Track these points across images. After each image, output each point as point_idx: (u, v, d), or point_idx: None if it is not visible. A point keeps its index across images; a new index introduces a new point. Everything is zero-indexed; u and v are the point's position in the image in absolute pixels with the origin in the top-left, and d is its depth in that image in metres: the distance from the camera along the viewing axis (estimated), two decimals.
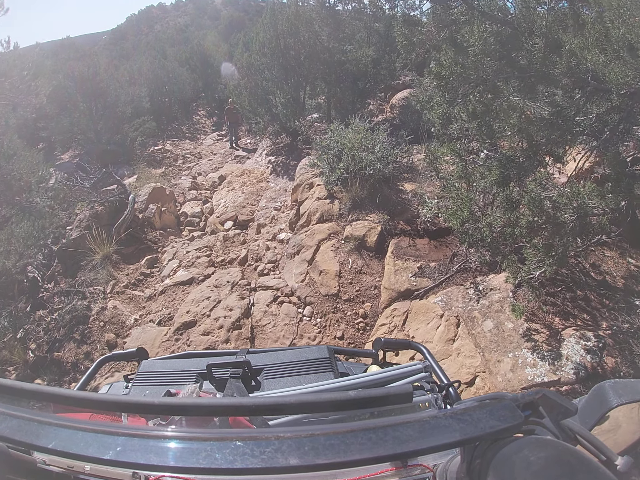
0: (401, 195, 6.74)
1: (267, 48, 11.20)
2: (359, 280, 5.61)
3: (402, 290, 5.18)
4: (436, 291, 5.06)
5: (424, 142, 9.16)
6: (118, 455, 0.58)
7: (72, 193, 8.97)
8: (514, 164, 3.92)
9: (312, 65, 11.22)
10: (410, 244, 5.74)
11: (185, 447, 0.60)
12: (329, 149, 7.17)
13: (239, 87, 12.05)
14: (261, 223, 8.42)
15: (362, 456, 0.56)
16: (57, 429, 0.64)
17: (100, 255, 6.82)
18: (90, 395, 0.78)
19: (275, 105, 11.15)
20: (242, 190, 10.41)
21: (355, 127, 6.89)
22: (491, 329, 4.40)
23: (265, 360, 1.53)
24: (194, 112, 18.42)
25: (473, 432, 0.60)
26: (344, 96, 11.52)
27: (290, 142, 11.61)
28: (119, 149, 12.83)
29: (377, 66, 11.84)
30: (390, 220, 6.09)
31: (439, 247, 5.70)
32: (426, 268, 5.36)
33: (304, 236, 6.56)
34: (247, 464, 0.55)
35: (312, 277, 5.80)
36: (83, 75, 12.46)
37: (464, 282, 5.03)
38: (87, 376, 1.74)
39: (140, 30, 33.51)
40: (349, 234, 6.02)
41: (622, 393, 0.75)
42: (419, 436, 0.59)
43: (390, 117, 12.13)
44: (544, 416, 0.68)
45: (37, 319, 6.50)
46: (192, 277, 6.32)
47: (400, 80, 13.65)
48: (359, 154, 6.46)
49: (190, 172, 12.66)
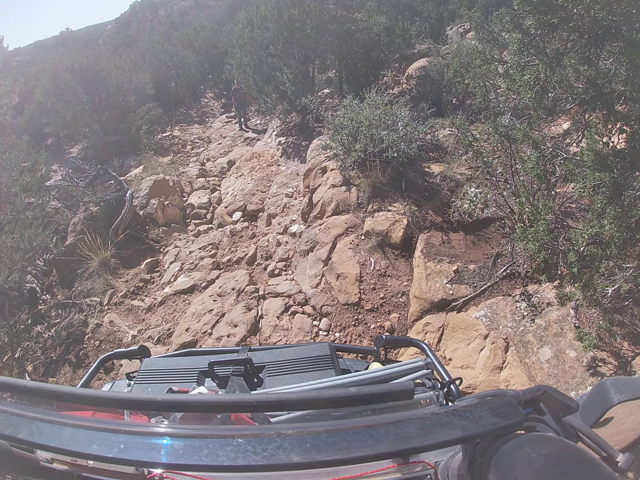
0: (428, 179, 5.59)
1: (270, 21, 9.94)
2: (383, 284, 4.59)
3: (435, 301, 4.14)
4: (477, 302, 4.01)
5: (448, 115, 7.93)
6: (121, 452, 0.55)
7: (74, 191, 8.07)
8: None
9: (319, 37, 9.92)
10: (443, 240, 4.65)
11: (187, 444, 0.56)
12: (342, 127, 6.03)
13: (242, 65, 10.82)
14: (271, 213, 7.42)
15: (363, 453, 0.54)
16: (59, 427, 0.61)
17: (96, 261, 5.96)
18: (92, 393, 0.72)
19: (282, 82, 9.95)
20: (251, 176, 9.38)
21: (373, 102, 5.68)
22: (549, 359, 3.38)
23: (267, 357, 1.47)
24: (202, 95, 17.21)
25: (474, 429, 0.58)
26: (356, 68, 10.24)
27: (301, 121, 10.45)
28: (124, 139, 11.94)
29: (391, 34, 10.46)
30: (417, 210, 4.99)
31: (478, 244, 4.60)
32: (464, 272, 4.29)
33: (317, 230, 5.53)
34: (250, 460, 0.52)
35: (329, 281, 4.81)
36: (82, 66, 11.53)
37: (512, 291, 3.96)
38: (89, 374, 1.65)
39: (145, 17, 31.85)
40: (370, 228, 4.96)
41: (624, 390, 0.69)
42: (421, 433, 0.57)
43: (407, 89, 10.80)
44: (545, 413, 0.66)
45: (35, 335, 5.79)
46: (194, 284, 5.38)
47: (415, 49, 12.25)
48: (379, 132, 5.30)
49: (199, 158, 11.72)
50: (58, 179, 10.37)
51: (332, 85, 11.41)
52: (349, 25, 9.77)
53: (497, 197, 4.33)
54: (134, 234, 6.67)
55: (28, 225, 5.63)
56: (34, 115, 13.18)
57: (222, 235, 6.83)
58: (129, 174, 10.30)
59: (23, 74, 17.17)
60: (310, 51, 10.21)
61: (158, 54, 15.71)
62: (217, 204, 8.64)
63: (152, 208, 7.32)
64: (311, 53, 10.27)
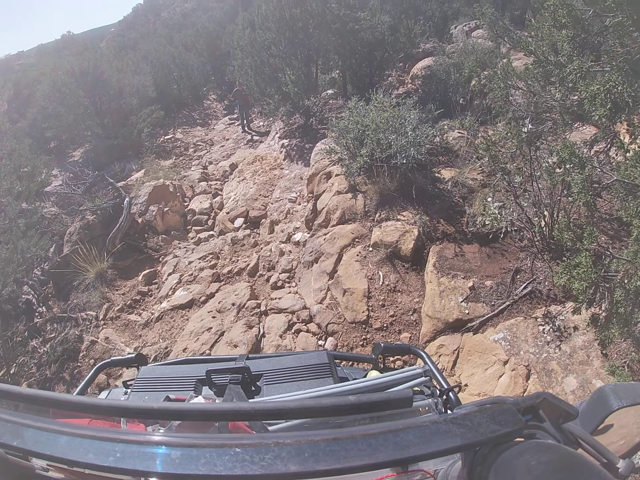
0: (438, 185, 5.21)
1: (271, 21, 9.52)
2: (392, 301, 4.22)
3: (450, 321, 3.76)
4: (495, 323, 3.64)
5: (457, 116, 7.53)
6: (117, 462, 0.52)
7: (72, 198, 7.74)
8: None
9: (322, 37, 9.51)
10: (456, 253, 4.27)
11: (184, 453, 0.52)
12: (347, 131, 5.65)
13: (243, 66, 10.44)
14: (274, 219, 7.06)
15: (362, 462, 0.51)
16: (55, 435, 0.57)
17: (92, 273, 5.63)
18: (89, 401, 0.68)
19: (285, 84, 9.57)
20: (253, 180, 9.00)
21: (379, 104, 5.29)
22: (574, 389, 3.02)
23: (265, 366, 1.41)
24: (205, 97, 16.82)
25: (474, 437, 0.54)
26: (360, 68, 9.83)
27: (304, 123, 10.07)
28: (126, 142, 11.63)
29: (395, 33, 10.04)
30: (428, 219, 4.61)
31: (494, 257, 4.21)
32: (480, 289, 3.91)
33: (322, 240, 5.17)
34: (247, 470, 0.49)
35: (335, 296, 4.45)
36: (82, 69, 11.21)
37: (533, 311, 3.58)
38: (85, 382, 1.59)
39: (147, 19, 31.37)
40: (378, 239, 4.59)
41: (623, 396, 0.67)
42: (420, 441, 0.53)
43: (412, 89, 10.40)
44: (544, 420, 0.63)
45: (31, 350, 5.49)
46: (193, 298, 5.04)
47: (420, 49, 11.80)
48: (386, 137, 4.92)
49: (201, 162, 11.38)
50: (58, 184, 10.08)
51: (336, 86, 11.02)
52: (353, 25, 9.34)
53: (515, 207, 3.94)
54: (132, 243, 6.33)
55: (21, 236, 5.31)
56: (36, 118, 12.90)
57: (223, 243, 6.48)
58: (130, 178, 9.98)
59: (26, 77, 16.93)
60: (313, 51, 9.80)
61: (160, 56, 15.36)
62: (219, 209, 8.30)
63: (151, 215, 6.98)
64: (314, 53, 9.87)
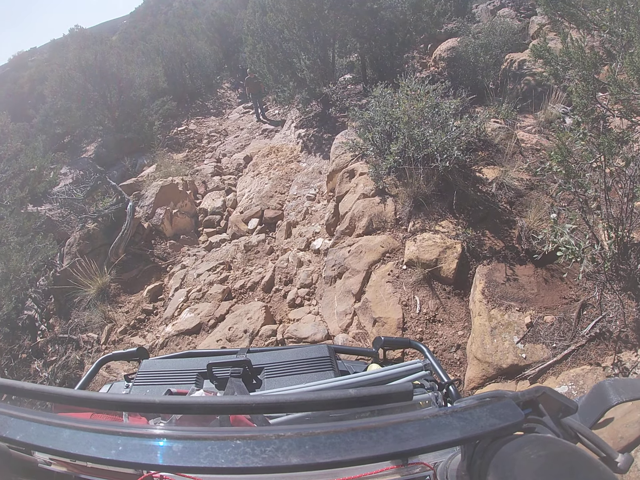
0: (481, 188, 4.26)
1: (283, 3, 8.45)
2: (432, 333, 3.36)
3: (504, 367, 2.88)
4: (558, 371, 2.76)
5: (490, 103, 6.48)
6: (119, 455, 0.51)
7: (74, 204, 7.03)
8: None
9: (339, 18, 8.38)
10: (508, 277, 3.35)
11: (186, 446, 0.51)
12: (373, 123, 4.73)
13: (255, 52, 9.43)
14: (291, 221, 6.22)
15: (362, 455, 0.50)
16: (58, 429, 0.56)
17: (93, 290, 4.93)
18: (91, 395, 0.67)
19: (300, 69, 8.58)
20: (268, 174, 8.12)
21: (413, 92, 4.29)
22: None
23: (266, 359, 1.36)
24: (218, 86, 15.82)
25: (473, 431, 0.53)
26: (380, 51, 8.72)
27: (322, 111, 9.07)
28: (137, 135, 10.85)
29: (418, 12, 8.85)
30: (473, 232, 3.71)
31: (552, 282, 3.28)
32: (539, 325, 3.00)
33: (346, 253, 4.32)
34: (248, 463, 0.48)
35: (363, 324, 3.63)
36: (89, 62, 10.38)
37: (602, 358, 2.70)
38: (87, 376, 1.52)
39: (159, 10, 30.10)
40: (414, 256, 3.71)
41: (622, 391, 0.64)
42: (420, 434, 0.52)
43: (435, 72, 9.27)
44: (544, 414, 0.61)
45: (33, 373, 4.90)
46: (200, 322, 4.27)
47: (442, 29, 10.55)
48: (422, 132, 3.98)
49: (214, 154, 10.57)
50: (69, 182, 9.42)
51: (354, 70, 9.94)
52: (371, 4, 8.21)
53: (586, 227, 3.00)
54: (137, 252, 5.60)
55: (13, 254, 4.62)
56: (48, 114, 12.21)
57: (235, 250, 5.70)
58: (141, 174, 9.25)
59: (39, 73, 16.21)
60: (329, 34, 8.70)
61: (171, 46, 14.38)
62: (232, 207, 7.50)
63: (158, 219, 6.23)
64: (330, 36, 8.77)
